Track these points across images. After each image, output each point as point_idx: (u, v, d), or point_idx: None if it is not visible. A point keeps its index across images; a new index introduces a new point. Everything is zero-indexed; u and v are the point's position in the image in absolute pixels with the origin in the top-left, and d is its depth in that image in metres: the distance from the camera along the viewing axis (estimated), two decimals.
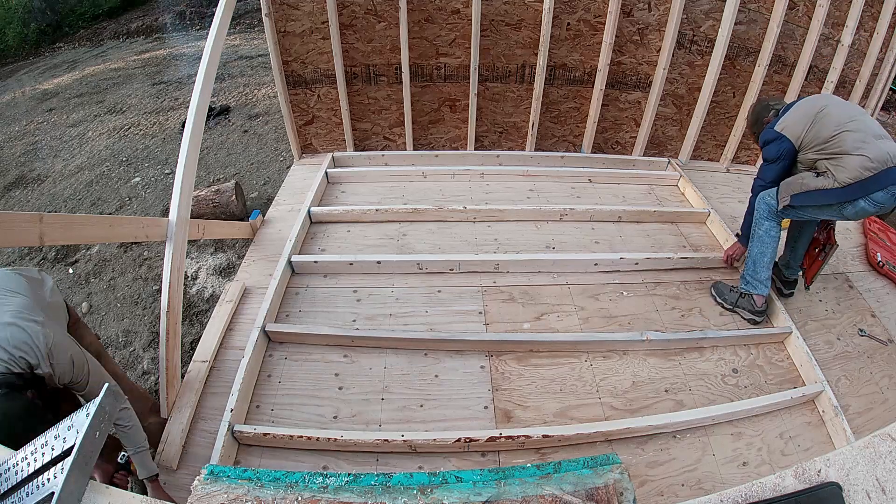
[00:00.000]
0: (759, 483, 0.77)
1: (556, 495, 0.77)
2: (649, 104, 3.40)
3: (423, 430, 1.91)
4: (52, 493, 0.78)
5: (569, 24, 3.12)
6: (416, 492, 0.79)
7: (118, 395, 1.44)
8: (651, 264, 2.68)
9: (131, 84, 7.53)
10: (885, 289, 2.72)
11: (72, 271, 3.79)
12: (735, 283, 2.53)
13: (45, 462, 0.82)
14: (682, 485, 1.81)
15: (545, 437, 1.85)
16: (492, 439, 1.83)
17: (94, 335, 2.05)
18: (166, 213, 2.63)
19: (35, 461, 0.83)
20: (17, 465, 0.84)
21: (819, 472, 0.77)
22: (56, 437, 0.85)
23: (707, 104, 3.34)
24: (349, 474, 0.81)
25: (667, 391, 2.11)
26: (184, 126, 2.45)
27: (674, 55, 3.18)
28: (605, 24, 3.09)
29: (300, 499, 0.78)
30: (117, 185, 4.86)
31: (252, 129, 5.65)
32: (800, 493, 0.76)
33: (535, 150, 3.63)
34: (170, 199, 2.23)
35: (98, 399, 0.88)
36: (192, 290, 3.48)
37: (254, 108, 6.14)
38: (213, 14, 2.51)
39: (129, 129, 6.00)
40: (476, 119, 3.48)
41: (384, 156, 3.59)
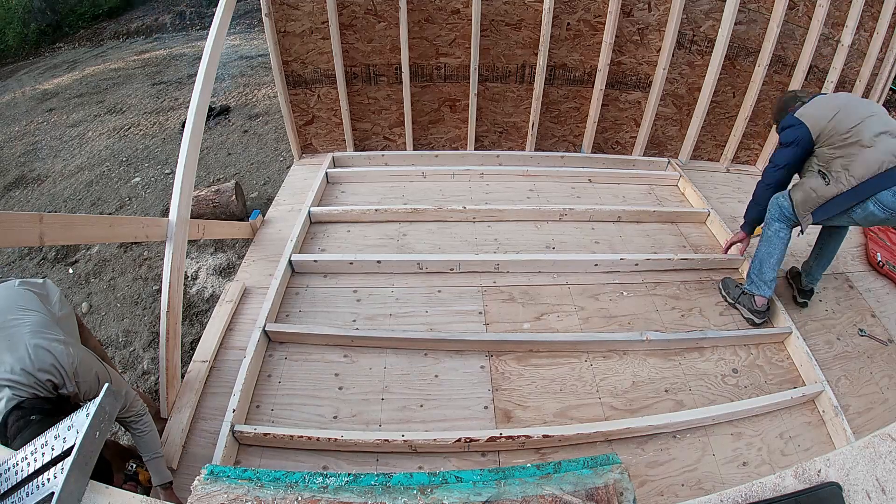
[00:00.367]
0: (759, 483, 0.77)
1: (556, 495, 0.77)
2: (649, 104, 3.41)
3: (423, 430, 1.91)
4: (52, 493, 0.78)
5: (569, 24, 3.12)
6: (416, 492, 0.78)
7: (118, 396, 1.43)
8: (651, 265, 2.68)
9: (131, 84, 7.53)
10: (885, 289, 2.72)
11: (72, 271, 3.79)
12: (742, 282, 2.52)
13: (45, 462, 0.82)
14: (682, 485, 1.81)
15: (545, 437, 1.85)
16: (492, 439, 1.83)
17: (95, 339, 2.04)
18: (166, 213, 2.64)
19: (35, 461, 0.83)
20: (17, 465, 0.84)
21: (819, 472, 0.77)
22: (56, 437, 0.85)
23: (707, 104, 3.34)
24: (349, 474, 0.81)
25: (667, 391, 2.11)
26: (184, 126, 2.46)
27: (674, 55, 3.18)
28: (605, 24, 3.09)
29: (300, 499, 0.77)
30: (117, 185, 4.86)
31: (252, 129, 5.65)
32: (800, 493, 0.76)
33: (535, 150, 3.63)
34: (170, 199, 2.23)
35: (98, 399, 0.88)
36: (192, 290, 3.49)
37: (254, 108, 6.14)
38: (213, 14, 2.52)
39: (129, 129, 6.00)
40: (476, 119, 3.48)
41: (384, 156, 3.59)
